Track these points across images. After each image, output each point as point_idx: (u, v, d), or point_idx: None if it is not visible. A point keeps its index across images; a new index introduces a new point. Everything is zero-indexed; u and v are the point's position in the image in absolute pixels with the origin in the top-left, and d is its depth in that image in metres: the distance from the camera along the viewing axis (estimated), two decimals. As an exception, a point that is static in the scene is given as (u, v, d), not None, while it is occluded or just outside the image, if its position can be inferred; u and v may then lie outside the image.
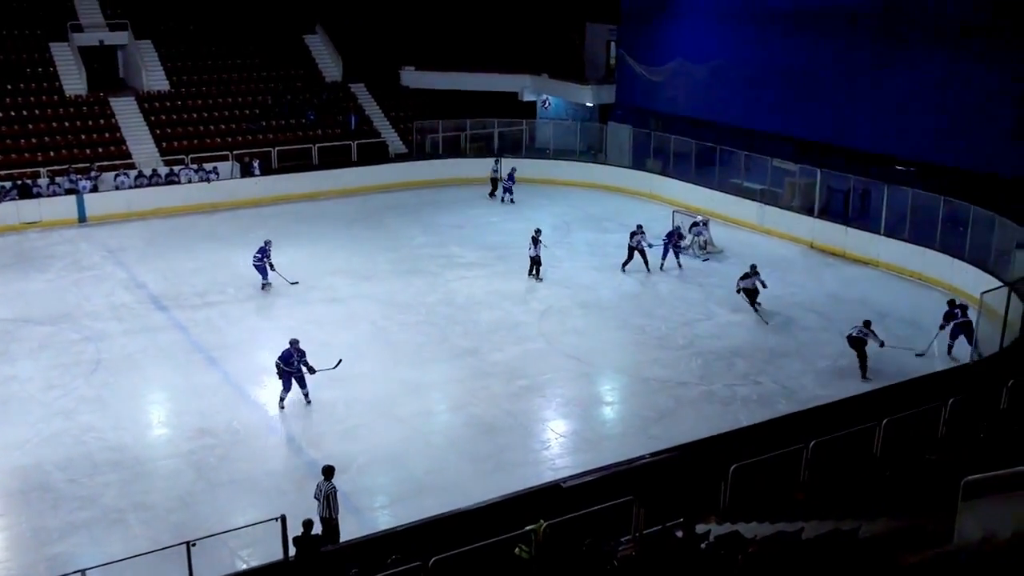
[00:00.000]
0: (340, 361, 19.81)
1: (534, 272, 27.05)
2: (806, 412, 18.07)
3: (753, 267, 24.95)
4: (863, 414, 15.79)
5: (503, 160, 37.29)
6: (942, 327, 21.94)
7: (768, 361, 21.90)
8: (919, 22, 29.59)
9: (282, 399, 19.32)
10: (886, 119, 30.57)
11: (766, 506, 13.24)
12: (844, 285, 27.16)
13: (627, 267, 27.78)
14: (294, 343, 19.32)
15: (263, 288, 26.22)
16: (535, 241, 26.98)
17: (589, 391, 20.91)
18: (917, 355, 21.79)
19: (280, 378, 19.24)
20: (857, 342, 20.99)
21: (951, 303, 22.29)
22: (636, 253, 27.68)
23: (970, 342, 21.74)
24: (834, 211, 31.40)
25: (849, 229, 29.77)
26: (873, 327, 21.08)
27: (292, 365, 19.14)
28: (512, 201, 35.58)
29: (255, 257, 26.32)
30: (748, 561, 10.50)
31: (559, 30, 44.27)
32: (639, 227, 28.07)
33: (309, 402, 19.40)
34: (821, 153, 32.24)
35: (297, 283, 26.31)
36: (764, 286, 24.57)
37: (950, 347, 22.00)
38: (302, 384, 19.30)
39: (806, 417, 17.52)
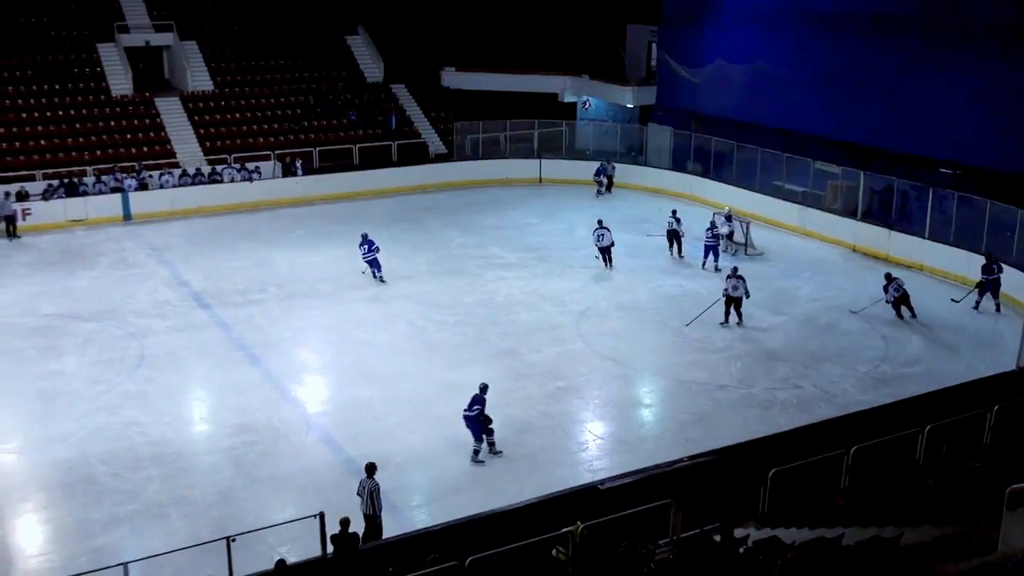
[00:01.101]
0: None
1: (606, 260, 28.18)
2: (847, 417, 17.86)
3: (735, 269, 24.53)
4: (906, 420, 15.55)
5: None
6: (981, 284, 24.64)
7: (809, 365, 21.70)
8: (963, 23, 29.13)
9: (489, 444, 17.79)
10: (930, 121, 30.12)
11: (806, 511, 13.13)
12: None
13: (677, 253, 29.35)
14: (483, 389, 17.89)
15: (381, 281, 26.90)
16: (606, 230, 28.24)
17: (627, 393, 20.84)
18: (953, 300, 25.02)
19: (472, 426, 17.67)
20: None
21: (988, 256, 24.89)
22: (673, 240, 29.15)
23: (996, 296, 24.69)
24: (877, 214, 31.04)
25: (892, 232, 29.42)
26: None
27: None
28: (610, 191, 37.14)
29: (364, 250, 27.00)
30: (787, 567, 10.41)
31: (600, 31, 44.16)
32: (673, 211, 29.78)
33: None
34: (863, 156, 31.87)
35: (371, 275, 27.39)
36: (747, 295, 23.98)
37: (978, 303, 24.74)
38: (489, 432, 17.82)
39: (847, 422, 17.31)
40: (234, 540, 12.78)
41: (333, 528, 13.18)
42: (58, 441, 18.00)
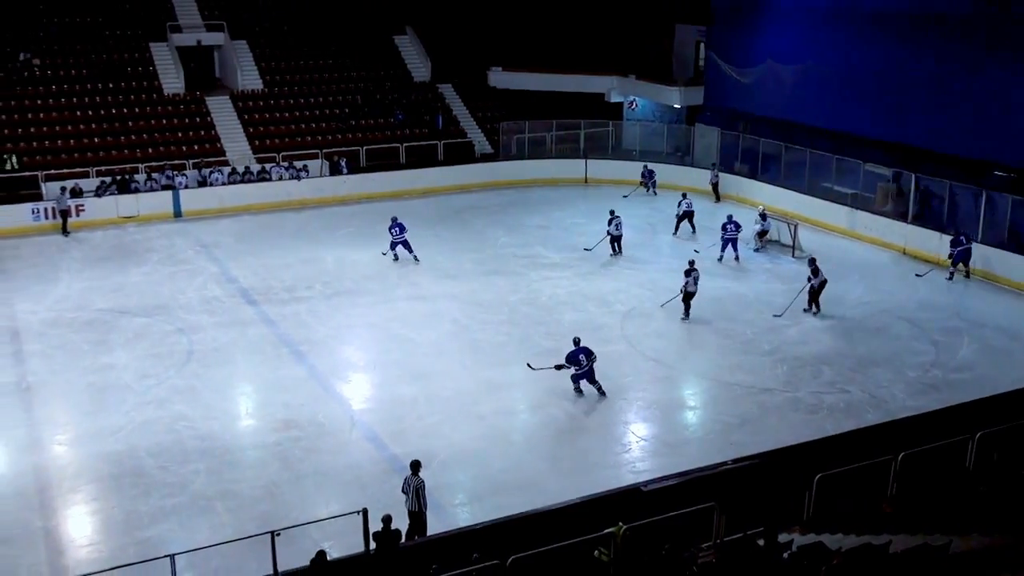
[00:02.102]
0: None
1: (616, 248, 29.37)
2: (895, 423, 17.60)
3: (691, 262, 24.72)
4: (956, 427, 15.31)
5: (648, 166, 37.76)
6: (951, 256, 27.14)
7: (856, 369, 21.42)
8: (1017, 22, 28.56)
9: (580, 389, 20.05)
10: (984, 122, 29.58)
11: (852, 517, 12.95)
12: (937, 293, 26.44)
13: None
14: (577, 342, 20.05)
15: (416, 260, 28.62)
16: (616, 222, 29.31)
17: (671, 395, 20.73)
18: (917, 275, 27.47)
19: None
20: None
21: (956, 231, 27.61)
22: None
23: (967, 266, 27.30)
24: (928, 217, 30.55)
25: (944, 236, 28.93)
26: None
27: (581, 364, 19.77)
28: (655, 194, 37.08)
29: (395, 233, 28.54)
30: (832, 573, 10.29)
31: (648, 31, 43.97)
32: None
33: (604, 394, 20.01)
34: (915, 157, 31.39)
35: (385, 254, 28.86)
36: (692, 289, 24.22)
37: (952, 274, 27.22)
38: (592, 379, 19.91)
39: (895, 428, 17.05)
40: (278, 534, 12.90)
41: (376, 525, 13.26)
42: (108, 434, 18.31)
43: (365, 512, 13.48)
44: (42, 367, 21.39)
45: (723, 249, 28.95)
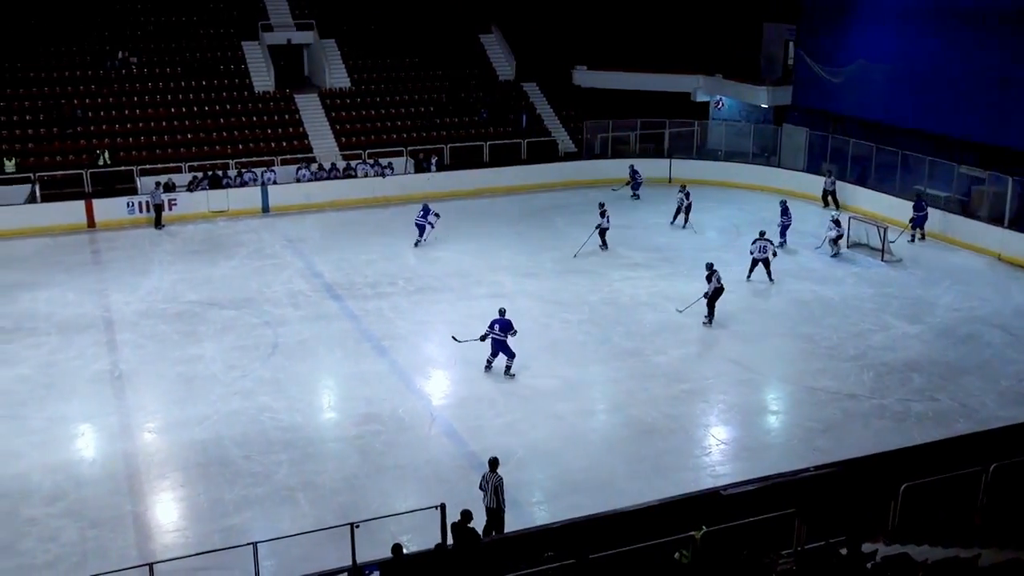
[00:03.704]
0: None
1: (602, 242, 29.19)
2: (987, 433, 17.09)
3: (710, 265, 24.13)
4: (1051, 438, 14.83)
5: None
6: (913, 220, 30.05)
7: (947, 377, 20.82)
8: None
9: (490, 363, 20.87)
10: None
11: (939, 529, 12.60)
12: (1034, 301, 25.57)
13: (750, 277, 26.96)
14: (502, 312, 20.78)
15: (416, 245, 30.02)
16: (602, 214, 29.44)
17: (753, 398, 20.42)
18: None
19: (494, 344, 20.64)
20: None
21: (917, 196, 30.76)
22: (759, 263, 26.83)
23: (922, 230, 30.44)
24: (1026, 222, 29.61)
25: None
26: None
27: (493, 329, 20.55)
28: (638, 197, 36.30)
29: (419, 216, 29.98)
30: (917, 585, 10.04)
31: (735, 30, 43.38)
32: (761, 234, 27.14)
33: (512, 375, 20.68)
34: (1012, 160, 30.37)
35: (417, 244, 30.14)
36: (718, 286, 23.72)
37: (912, 237, 30.04)
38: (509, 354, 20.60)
39: (986, 438, 16.54)
40: (358, 526, 13.08)
41: (454, 519, 13.34)
42: (195, 423, 18.79)
43: (443, 507, 13.60)
44: (134, 356, 22.05)
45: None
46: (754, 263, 26.73)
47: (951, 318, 24.22)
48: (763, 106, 41.65)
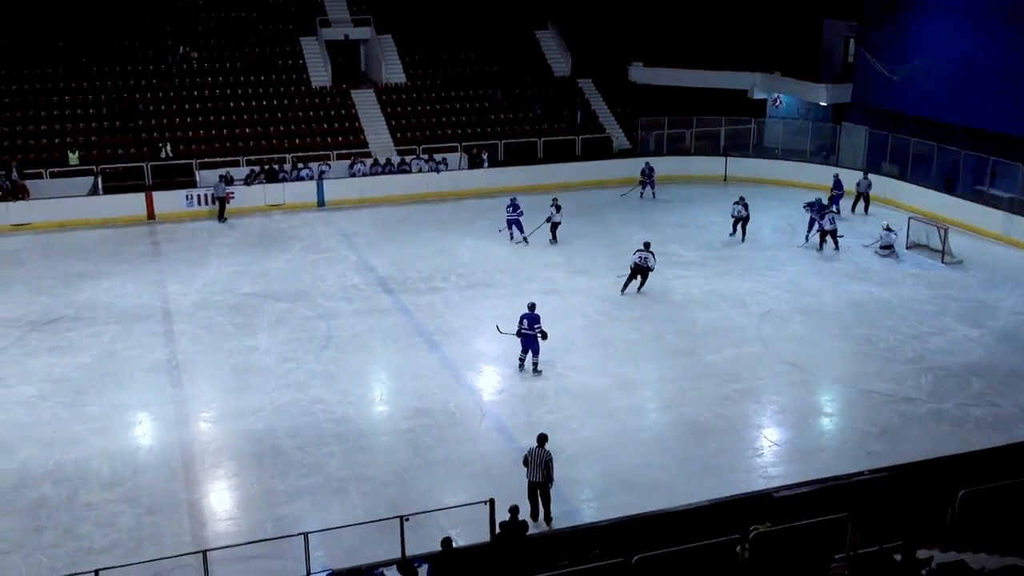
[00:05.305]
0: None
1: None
2: (1049, 440, 16.72)
3: (647, 244, 25.64)
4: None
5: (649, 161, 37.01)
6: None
7: (1007, 382, 20.36)
8: None
9: (522, 360, 20.74)
10: None
11: (998, 537, 12.34)
12: (1101, 305, 24.89)
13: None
14: (531, 307, 20.74)
15: (519, 240, 30.26)
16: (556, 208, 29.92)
17: (806, 400, 20.15)
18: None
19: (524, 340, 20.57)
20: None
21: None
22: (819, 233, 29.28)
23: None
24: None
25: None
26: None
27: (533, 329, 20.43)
28: (654, 196, 35.94)
29: (509, 211, 30.39)
30: (974, 593, 9.84)
31: (794, 27, 42.82)
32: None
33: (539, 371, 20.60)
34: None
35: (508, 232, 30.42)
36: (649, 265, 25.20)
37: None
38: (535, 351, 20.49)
39: (1049, 445, 16.20)
40: (407, 519, 13.17)
41: (503, 515, 13.36)
42: (249, 413, 19.03)
43: (492, 502, 13.62)
44: (190, 347, 22.40)
45: (809, 230, 29.87)
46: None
47: (1013, 322, 23.68)
48: (822, 104, 41.08)
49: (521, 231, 30.26)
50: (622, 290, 25.56)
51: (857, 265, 28.05)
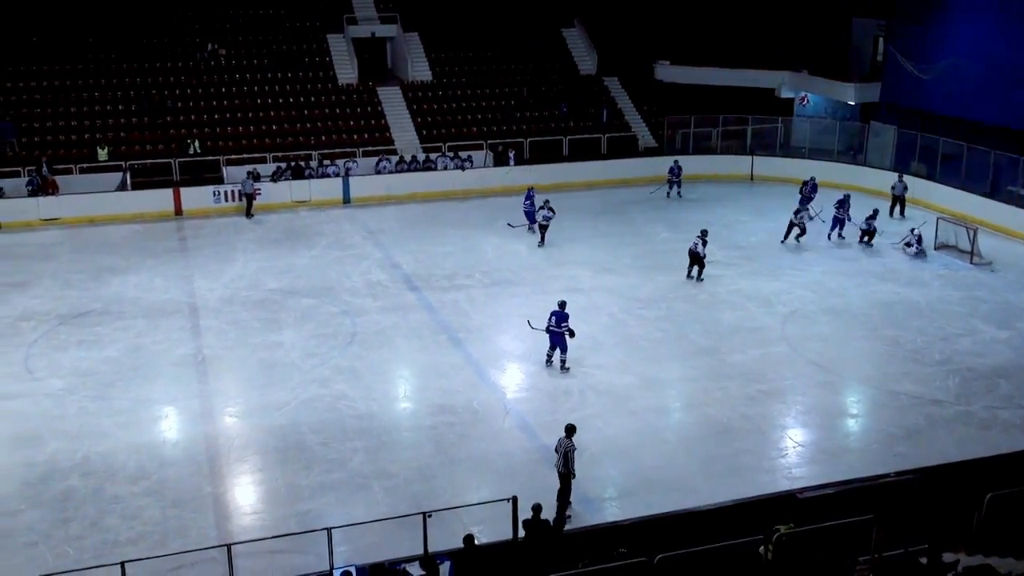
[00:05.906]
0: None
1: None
2: (1078, 444, 16.52)
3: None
4: None
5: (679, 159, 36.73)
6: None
7: (1037, 385, 20.17)
8: None
9: (550, 357, 20.79)
10: None
11: (1025, 541, 12.23)
12: None
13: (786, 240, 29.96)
14: (562, 305, 20.64)
15: (530, 230, 30.74)
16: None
17: (832, 401, 20.02)
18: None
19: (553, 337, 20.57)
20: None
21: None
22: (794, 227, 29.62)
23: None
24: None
25: None
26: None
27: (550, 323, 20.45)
28: (680, 195, 35.74)
29: (527, 204, 30.75)
30: (1000, 597, 9.74)
31: (823, 25, 42.50)
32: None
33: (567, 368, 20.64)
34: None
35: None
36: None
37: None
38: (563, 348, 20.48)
39: (1078, 449, 16.01)
40: (430, 516, 13.20)
41: (525, 512, 13.37)
42: (274, 408, 19.14)
43: (515, 500, 13.62)
44: (216, 342, 22.55)
45: (832, 228, 30.33)
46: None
47: (1043, 324, 23.45)
48: (850, 103, 40.75)
49: (532, 222, 30.66)
50: (687, 275, 26.48)
51: (884, 266, 27.84)
